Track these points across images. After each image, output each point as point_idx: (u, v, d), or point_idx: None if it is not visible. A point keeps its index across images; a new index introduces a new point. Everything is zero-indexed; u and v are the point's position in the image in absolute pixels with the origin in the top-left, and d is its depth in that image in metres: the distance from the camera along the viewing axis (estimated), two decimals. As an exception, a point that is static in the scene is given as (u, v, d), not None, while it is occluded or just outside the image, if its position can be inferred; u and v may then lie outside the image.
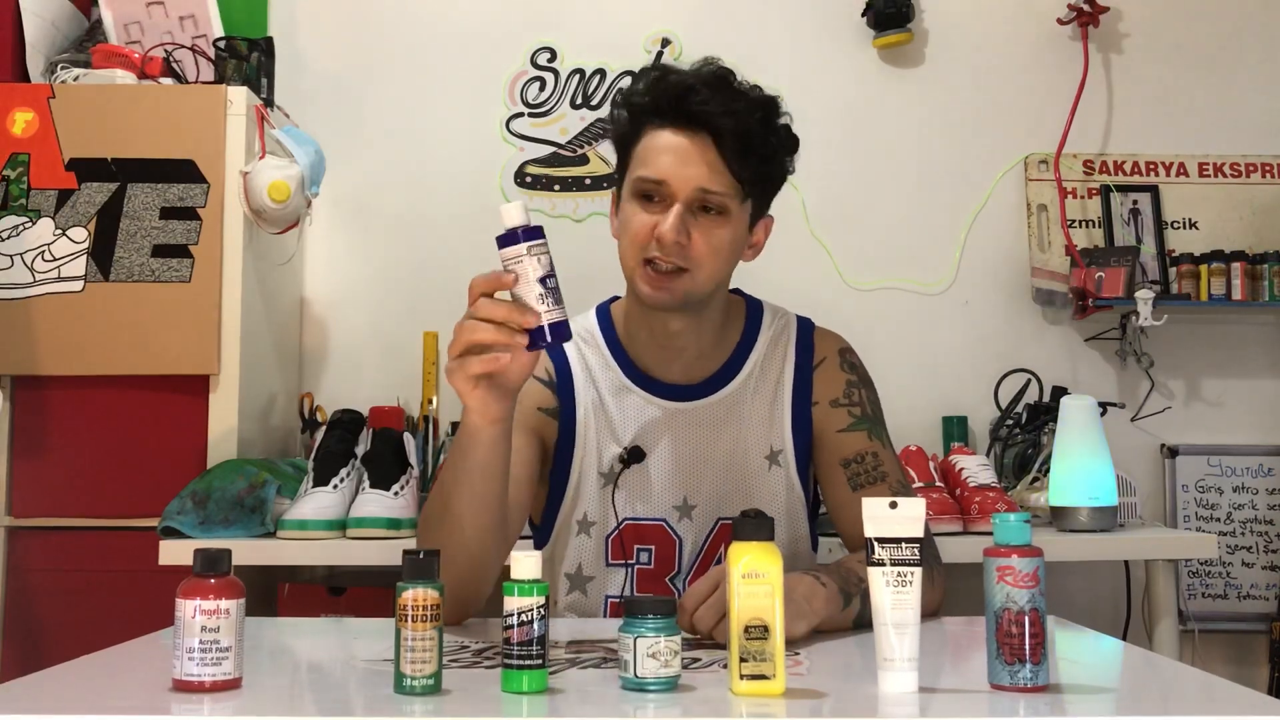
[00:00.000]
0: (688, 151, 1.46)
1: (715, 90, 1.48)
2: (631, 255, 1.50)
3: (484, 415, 1.30)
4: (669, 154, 1.47)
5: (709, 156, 1.46)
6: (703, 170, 1.46)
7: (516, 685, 1.03)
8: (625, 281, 1.56)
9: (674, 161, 1.46)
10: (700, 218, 1.48)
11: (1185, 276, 2.63)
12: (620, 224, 1.53)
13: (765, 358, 1.62)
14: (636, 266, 1.50)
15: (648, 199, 1.49)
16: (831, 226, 2.73)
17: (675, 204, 1.46)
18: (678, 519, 1.58)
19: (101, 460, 2.21)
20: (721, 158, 1.46)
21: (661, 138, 1.48)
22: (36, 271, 2.21)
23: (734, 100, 1.48)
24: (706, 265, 1.49)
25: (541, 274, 1.21)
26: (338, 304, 2.72)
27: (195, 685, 1.02)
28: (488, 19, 2.78)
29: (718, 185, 1.47)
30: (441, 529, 1.39)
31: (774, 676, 1.02)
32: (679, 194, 1.46)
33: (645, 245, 1.48)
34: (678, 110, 1.47)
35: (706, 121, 1.46)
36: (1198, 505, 2.68)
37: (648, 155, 1.48)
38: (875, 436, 1.60)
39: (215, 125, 2.26)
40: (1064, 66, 2.76)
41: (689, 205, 1.47)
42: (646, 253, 1.48)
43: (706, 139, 1.46)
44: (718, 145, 1.46)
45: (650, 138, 1.49)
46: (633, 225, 1.49)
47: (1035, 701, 1.02)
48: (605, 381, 1.60)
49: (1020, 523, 1.05)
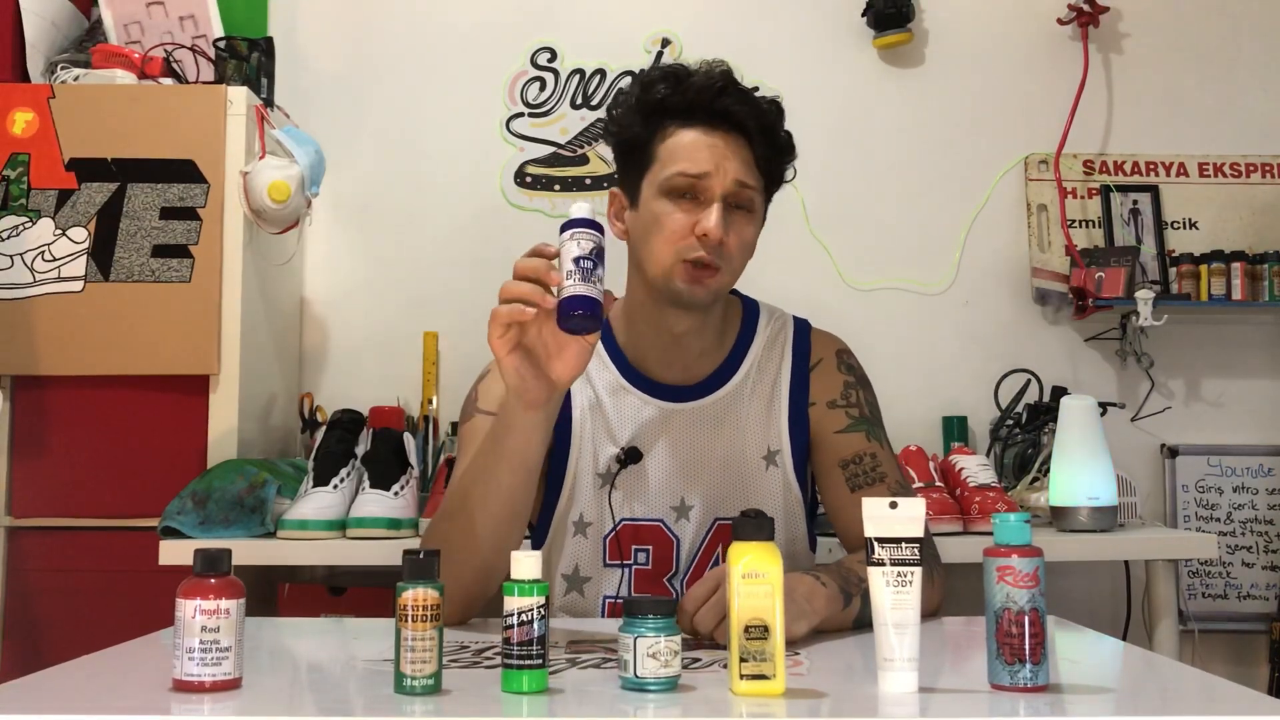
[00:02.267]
0: (723, 148, 1.48)
1: (740, 91, 1.50)
2: (668, 254, 1.49)
3: (521, 396, 1.32)
4: (705, 150, 1.48)
5: (743, 153, 1.49)
6: (738, 165, 1.48)
7: (516, 685, 1.03)
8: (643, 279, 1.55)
9: (713, 156, 1.47)
10: (733, 215, 1.49)
11: (1185, 276, 2.63)
12: (649, 222, 1.51)
13: (762, 358, 1.63)
14: (675, 264, 1.49)
15: (681, 196, 1.49)
16: (831, 226, 2.73)
17: (714, 200, 1.47)
18: (675, 519, 1.58)
19: (101, 460, 2.21)
20: (753, 153, 1.49)
21: (691, 135, 1.49)
22: (36, 271, 2.21)
23: (757, 101, 1.52)
24: (736, 262, 1.52)
25: (577, 254, 1.26)
26: (338, 304, 2.72)
27: (195, 685, 1.02)
28: (488, 19, 2.78)
29: (752, 180, 1.50)
30: (458, 522, 1.40)
31: (774, 676, 1.03)
32: (718, 188, 1.47)
33: (685, 243, 1.48)
34: (710, 110, 1.49)
35: (737, 120, 1.48)
36: (1198, 505, 2.68)
37: (681, 152, 1.49)
38: (873, 437, 1.61)
39: (215, 125, 2.26)
40: (1064, 66, 2.76)
41: (727, 199, 1.48)
42: (688, 252, 1.48)
43: (738, 137, 1.49)
44: (749, 143, 1.49)
45: (679, 136, 1.49)
46: (669, 224, 1.49)
47: (1035, 701, 1.02)
48: (602, 381, 1.60)
49: (1020, 523, 1.05)
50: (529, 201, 2.72)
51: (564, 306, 1.26)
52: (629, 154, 1.55)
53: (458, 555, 1.37)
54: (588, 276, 1.26)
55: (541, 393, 1.33)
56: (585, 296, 1.26)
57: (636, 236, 1.54)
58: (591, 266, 1.26)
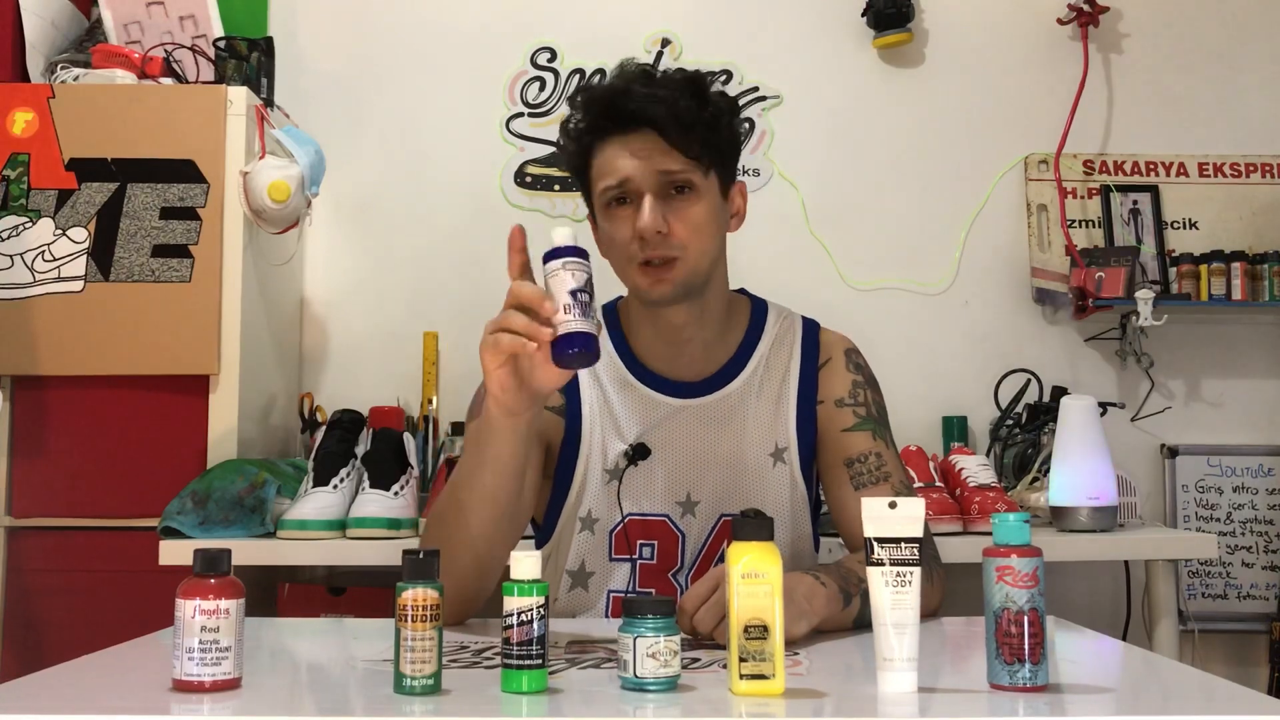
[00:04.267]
0: (637, 147, 1.50)
1: (642, 85, 1.52)
2: (623, 262, 1.53)
3: (500, 403, 1.33)
4: (620, 156, 1.50)
5: (657, 144, 1.50)
6: (658, 156, 1.50)
7: (516, 685, 1.03)
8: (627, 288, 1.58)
9: (628, 160, 1.50)
10: (673, 202, 1.50)
11: (1185, 276, 2.63)
12: (604, 240, 1.56)
13: (770, 355, 1.63)
14: (632, 270, 1.52)
15: (620, 204, 1.51)
16: (831, 226, 2.73)
17: (644, 196, 1.49)
18: (680, 515, 1.58)
19: (101, 460, 2.21)
20: (667, 141, 1.50)
21: (609, 148, 1.52)
22: (36, 271, 2.21)
23: (659, 88, 1.52)
24: (693, 245, 1.51)
25: (573, 287, 1.25)
26: (338, 304, 2.72)
27: (195, 685, 1.02)
28: (488, 19, 2.78)
29: (676, 163, 1.50)
30: (449, 524, 1.42)
31: (774, 676, 1.03)
32: (643, 185, 1.49)
33: (632, 249, 1.50)
34: (614, 117, 1.51)
35: (642, 116, 1.50)
36: (1198, 505, 2.68)
37: (604, 167, 1.52)
38: (879, 437, 1.61)
39: (215, 125, 2.26)
40: (1064, 66, 2.76)
41: (657, 193, 1.49)
42: (636, 256, 1.50)
43: (648, 131, 1.50)
44: (660, 132, 1.50)
45: (600, 153, 1.53)
46: (615, 235, 1.52)
47: (1035, 701, 1.02)
48: (610, 378, 1.60)
49: (1020, 523, 1.05)
50: (529, 201, 2.73)
51: (562, 343, 1.24)
52: (578, 180, 1.59)
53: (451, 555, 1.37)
54: (586, 311, 1.25)
55: (523, 403, 1.34)
56: (583, 333, 1.24)
57: (604, 254, 1.57)
58: (588, 300, 1.25)
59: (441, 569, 1.10)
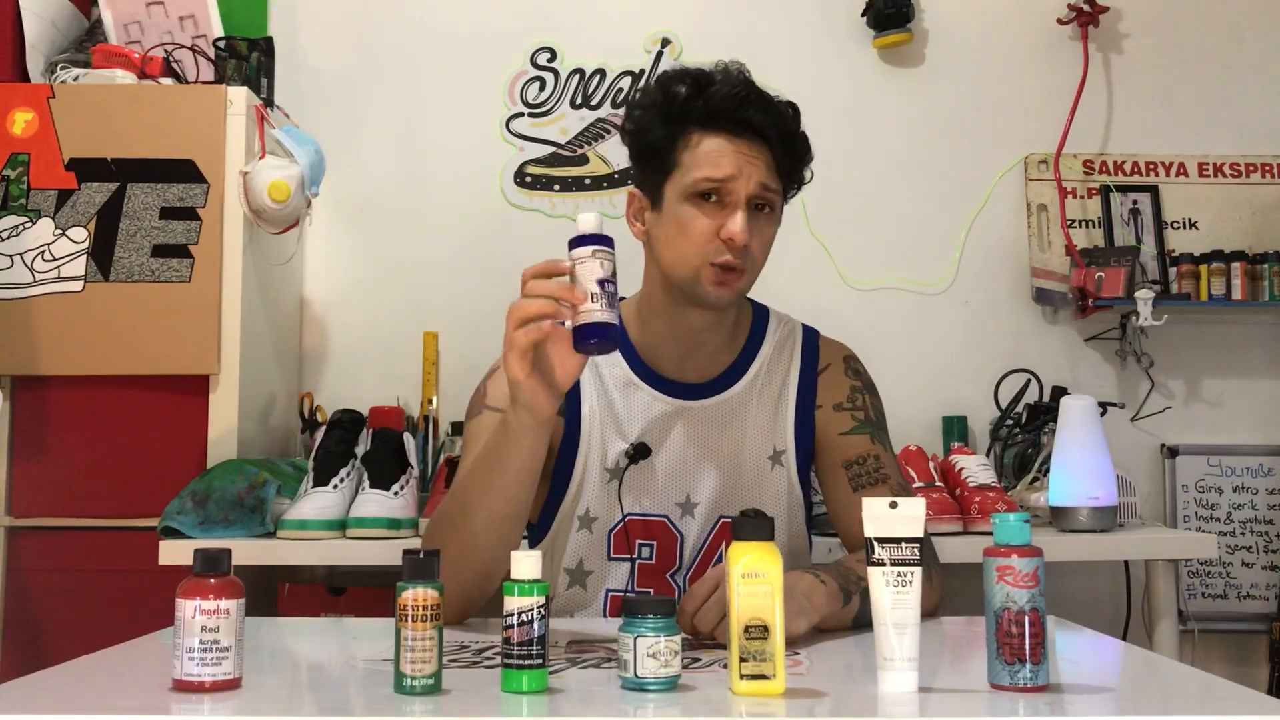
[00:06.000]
0: (747, 154, 1.51)
1: (761, 98, 1.54)
2: (696, 257, 1.51)
3: (534, 411, 1.34)
4: (730, 156, 1.51)
5: (764, 158, 1.52)
6: (761, 170, 1.52)
7: (516, 685, 1.03)
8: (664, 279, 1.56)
9: (737, 162, 1.50)
10: (756, 218, 1.52)
11: (1185, 276, 2.63)
12: (674, 226, 1.53)
13: (771, 360, 1.64)
14: (703, 267, 1.51)
15: (705, 199, 1.51)
16: (831, 226, 2.73)
17: (739, 204, 1.50)
18: (680, 515, 1.59)
19: (101, 460, 2.21)
20: (774, 159, 1.53)
21: (715, 142, 1.51)
22: (36, 271, 2.21)
23: (778, 108, 1.55)
24: (758, 263, 1.55)
25: (601, 277, 1.25)
26: (338, 304, 2.72)
27: (195, 685, 1.02)
28: (488, 19, 2.78)
29: (773, 183, 1.53)
30: (457, 531, 1.41)
31: (774, 676, 1.03)
32: (742, 192, 1.50)
33: (711, 246, 1.50)
34: (733, 118, 1.51)
35: (759, 128, 1.52)
36: (1198, 505, 2.67)
37: (705, 158, 1.51)
38: (877, 440, 1.62)
39: (215, 125, 2.26)
40: (1064, 66, 2.76)
41: (749, 204, 1.51)
42: (715, 256, 1.50)
43: (760, 144, 1.52)
44: (771, 149, 1.53)
45: (703, 142, 1.52)
46: (695, 227, 1.51)
47: (1035, 701, 1.02)
48: (612, 377, 1.61)
49: (1020, 523, 1.05)
50: (529, 201, 2.72)
51: (586, 331, 1.25)
52: (651, 157, 1.56)
53: (457, 557, 1.37)
54: (612, 302, 1.25)
55: (551, 405, 1.35)
56: (608, 324, 1.25)
57: (659, 239, 1.56)
58: (614, 291, 1.26)
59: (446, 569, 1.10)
